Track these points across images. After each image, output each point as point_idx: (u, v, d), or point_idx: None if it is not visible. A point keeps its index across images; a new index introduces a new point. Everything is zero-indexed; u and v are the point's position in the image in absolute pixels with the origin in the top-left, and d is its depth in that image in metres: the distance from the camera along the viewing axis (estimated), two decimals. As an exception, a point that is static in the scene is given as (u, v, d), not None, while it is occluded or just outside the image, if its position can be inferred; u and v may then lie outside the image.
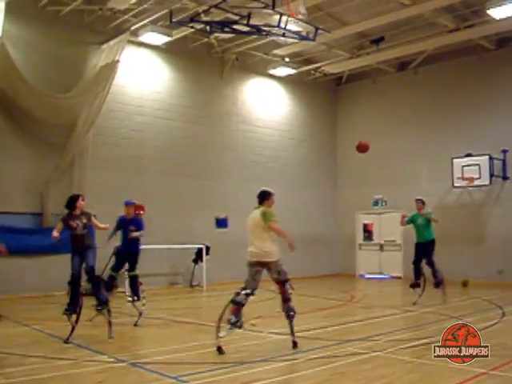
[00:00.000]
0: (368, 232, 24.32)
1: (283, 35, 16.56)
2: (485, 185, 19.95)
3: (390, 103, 23.67)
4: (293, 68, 22.11)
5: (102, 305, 9.82)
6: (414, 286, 14.80)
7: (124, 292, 16.61)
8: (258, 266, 8.96)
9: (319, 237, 23.80)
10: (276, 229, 9.12)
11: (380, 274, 23.18)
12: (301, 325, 11.12)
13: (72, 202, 10.15)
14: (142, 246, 17.28)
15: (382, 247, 23.45)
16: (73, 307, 9.63)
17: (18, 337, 10.08)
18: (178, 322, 11.96)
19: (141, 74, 19.12)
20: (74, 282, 9.78)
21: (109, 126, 18.08)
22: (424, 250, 14.77)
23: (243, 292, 8.76)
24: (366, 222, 24.39)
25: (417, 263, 14.84)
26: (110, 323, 9.60)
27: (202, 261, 18.93)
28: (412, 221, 15.03)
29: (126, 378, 7.20)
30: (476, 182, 19.98)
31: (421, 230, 14.87)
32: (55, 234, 9.62)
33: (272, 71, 22.29)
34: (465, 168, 20.13)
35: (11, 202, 16.11)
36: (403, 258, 21.73)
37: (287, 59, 21.86)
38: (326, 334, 10.33)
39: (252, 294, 8.88)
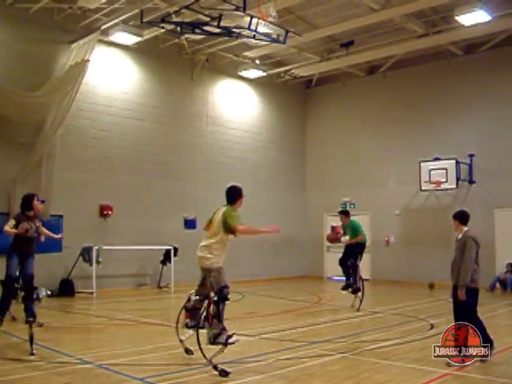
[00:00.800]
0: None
1: (254, 37, 16.58)
2: (452, 188, 20.18)
3: (360, 107, 23.86)
4: (263, 70, 22.12)
5: (34, 318, 9.07)
6: (345, 288, 14.33)
7: (91, 293, 16.57)
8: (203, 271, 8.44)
9: (288, 239, 23.83)
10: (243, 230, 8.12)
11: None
12: (269, 326, 11.19)
13: (27, 202, 9.74)
14: (109, 247, 17.34)
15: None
16: (3, 310, 9.42)
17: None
18: (145, 323, 11.90)
19: (111, 74, 18.97)
20: (11, 286, 9.39)
21: (78, 125, 17.91)
22: (353, 250, 14.31)
23: (193, 298, 8.28)
24: (334, 224, 24.45)
25: (343, 261, 14.36)
26: (32, 338, 8.57)
27: (170, 262, 18.85)
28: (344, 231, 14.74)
29: (93, 380, 7.14)
30: (443, 186, 20.21)
31: (351, 236, 14.43)
32: (9, 229, 9.37)
33: (242, 73, 22.29)
34: (432, 171, 20.35)
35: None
36: (370, 261, 21.91)
37: (258, 61, 21.89)
38: (293, 335, 10.37)
39: (206, 298, 8.03)
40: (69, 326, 10.81)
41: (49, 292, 16.19)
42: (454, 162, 19.95)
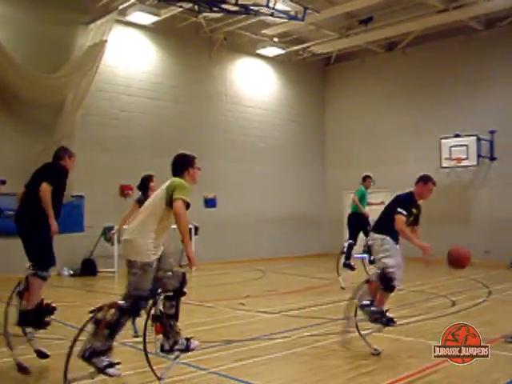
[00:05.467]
0: (356, 212, 24.36)
1: (272, 15, 16.55)
2: (472, 165, 20.07)
3: (379, 84, 23.67)
4: (281, 48, 22.03)
5: None
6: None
7: (113, 272, 16.71)
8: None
9: (308, 217, 23.88)
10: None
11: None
12: (291, 303, 11.26)
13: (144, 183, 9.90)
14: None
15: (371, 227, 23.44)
16: None
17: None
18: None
19: (129, 54, 18.99)
20: None
21: (97, 106, 17.98)
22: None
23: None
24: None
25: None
26: None
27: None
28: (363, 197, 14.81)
29: (117, 357, 7.23)
30: (463, 163, 20.09)
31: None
32: None
33: (261, 51, 22.20)
34: (452, 148, 20.21)
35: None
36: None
37: (276, 39, 21.78)
38: (316, 312, 10.43)
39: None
40: (92, 305, 10.92)
41: (71, 272, 16.41)
42: (474, 138, 19.79)
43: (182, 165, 6.39)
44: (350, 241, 14.32)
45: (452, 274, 17.10)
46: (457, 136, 20.20)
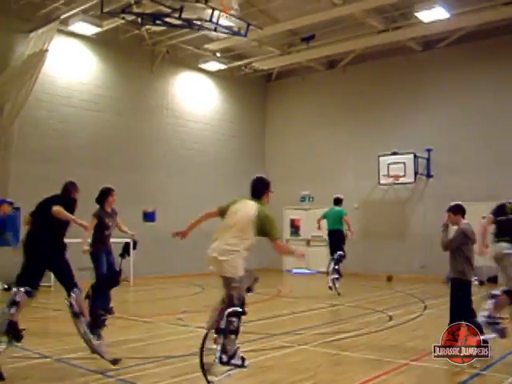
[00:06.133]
0: (295, 227, 24.58)
1: (215, 30, 16.58)
2: (409, 182, 20.48)
3: (319, 101, 23.99)
4: (224, 63, 22.08)
5: None
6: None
7: (49, 286, 16.37)
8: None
9: (248, 232, 23.82)
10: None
11: (306, 268, 23.36)
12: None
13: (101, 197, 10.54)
14: (68, 240, 17.09)
15: (308, 242, 23.67)
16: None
17: None
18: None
19: (70, 65, 18.70)
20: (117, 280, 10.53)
21: (36, 116, 17.62)
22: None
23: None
24: (293, 217, 24.64)
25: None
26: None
27: (129, 255, 18.69)
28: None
29: (52, 374, 7.08)
30: (401, 180, 20.49)
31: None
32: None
33: (203, 65, 22.21)
34: (390, 166, 20.61)
35: None
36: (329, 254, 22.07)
37: (218, 54, 21.85)
38: (253, 327, 10.40)
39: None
40: (28, 320, 10.67)
41: (5, 286, 15.97)
42: (412, 156, 20.23)
43: (263, 188, 7.28)
44: (340, 252, 15.67)
45: (389, 289, 17.44)
46: (394, 154, 20.62)
